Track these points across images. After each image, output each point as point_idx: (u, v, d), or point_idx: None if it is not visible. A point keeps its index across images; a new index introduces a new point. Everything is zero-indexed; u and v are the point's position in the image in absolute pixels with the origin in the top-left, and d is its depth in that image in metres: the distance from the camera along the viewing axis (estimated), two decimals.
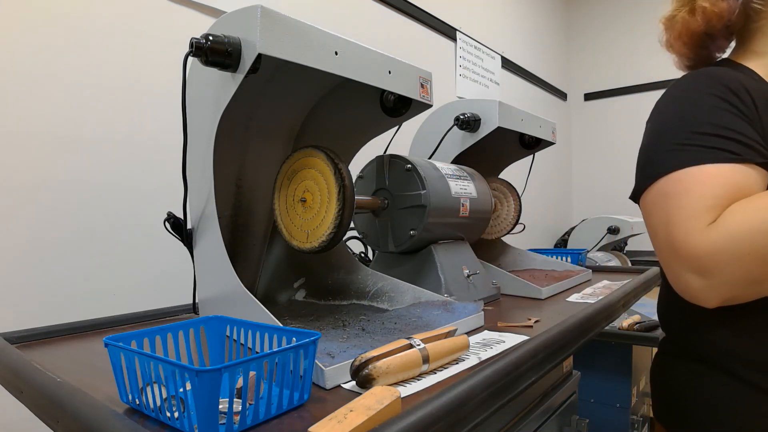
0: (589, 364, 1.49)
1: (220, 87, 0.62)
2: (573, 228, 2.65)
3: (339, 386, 0.50)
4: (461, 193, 0.95)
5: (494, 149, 1.31)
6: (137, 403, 0.44)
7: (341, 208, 0.66)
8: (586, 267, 1.30)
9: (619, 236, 2.43)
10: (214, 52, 0.57)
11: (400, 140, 1.24)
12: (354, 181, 0.84)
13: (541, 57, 2.94)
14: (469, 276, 0.93)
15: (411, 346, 0.52)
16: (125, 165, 1.03)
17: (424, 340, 0.54)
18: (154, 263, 1.07)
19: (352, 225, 0.85)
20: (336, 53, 0.63)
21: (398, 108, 0.82)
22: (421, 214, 0.86)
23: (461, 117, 1.09)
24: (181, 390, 0.39)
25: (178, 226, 0.72)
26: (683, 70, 0.78)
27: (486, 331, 0.71)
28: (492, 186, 1.28)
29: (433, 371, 0.54)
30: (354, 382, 0.49)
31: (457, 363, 0.56)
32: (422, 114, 0.86)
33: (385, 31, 1.74)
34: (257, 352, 0.52)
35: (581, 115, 3.36)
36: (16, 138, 0.89)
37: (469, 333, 0.70)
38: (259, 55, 0.56)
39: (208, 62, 0.57)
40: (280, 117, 0.84)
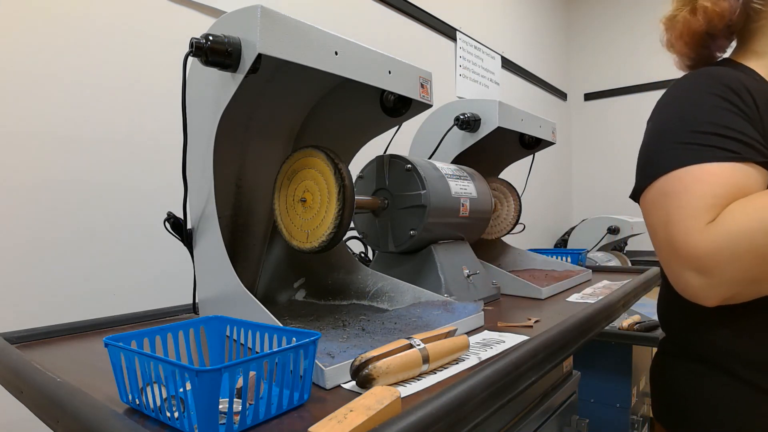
0: (589, 364, 1.49)
1: (220, 87, 0.62)
2: (573, 228, 2.65)
3: (339, 386, 0.50)
4: (461, 193, 0.95)
5: (494, 149, 1.31)
6: (137, 403, 0.44)
7: (341, 208, 0.66)
8: (586, 267, 1.30)
9: (619, 236, 2.43)
10: (214, 52, 0.57)
11: (400, 140, 1.24)
12: (354, 181, 0.84)
13: (541, 57, 2.94)
14: (469, 276, 0.93)
15: (411, 346, 0.52)
16: (125, 165, 1.03)
17: (424, 340, 0.54)
18: (154, 263, 1.07)
19: (352, 225, 0.85)
20: (336, 53, 0.63)
21: (398, 108, 0.82)
22: (421, 214, 0.86)
23: (461, 117, 1.09)
24: (181, 390, 0.39)
25: (178, 226, 0.72)
26: (684, 69, 0.78)
27: (486, 331, 0.71)
28: (492, 186, 1.28)
29: (433, 371, 0.54)
30: (354, 382, 0.49)
31: (457, 363, 0.56)
32: (422, 114, 0.86)
33: (385, 31, 1.74)
34: (257, 352, 0.52)
35: (581, 115, 3.36)
36: (16, 138, 0.89)
37: (469, 333, 0.70)
38: (259, 55, 0.56)
39: (208, 62, 0.57)
40: (280, 117, 0.84)
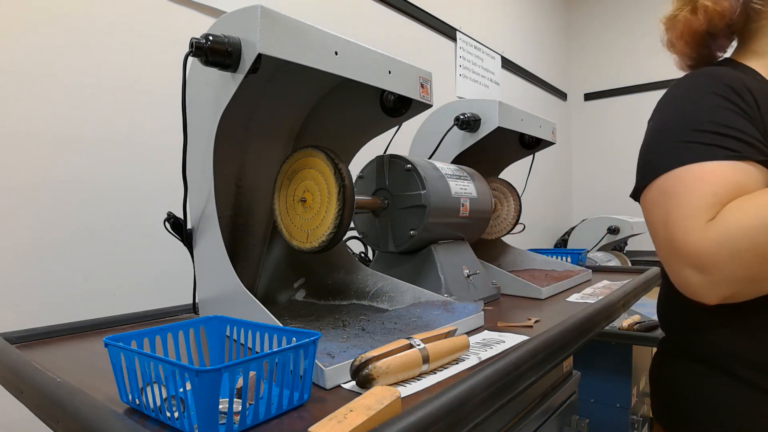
0: (589, 364, 1.49)
1: (220, 87, 0.62)
2: (573, 228, 2.65)
3: (339, 386, 0.50)
4: (461, 193, 0.95)
5: (494, 149, 1.31)
6: (137, 403, 0.44)
7: (341, 208, 0.66)
8: (586, 267, 1.30)
9: (619, 236, 2.43)
10: (214, 52, 0.57)
11: (400, 140, 1.24)
12: (354, 181, 0.84)
13: (541, 57, 2.94)
14: (469, 276, 0.93)
15: (411, 346, 0.52)
16: (125, 165, 1.03)
17: (424, 340, 0.54)
18: (154, 263, 1.07)
19: (352, 225, 0.85)
20: (336, 53, 0.63)
21: (398, 108, 0.82)
22: (421, 214, 0.86)
23: (461, 117, 1.09)
24: (181, 390, 0.39)
25: (178, 226, 0.72)
26: (684, 69, 0.78)
27: (486, 331, 0.71)
28: (492, 186, 1.28)
29: (433, 371, 0.54)
30: (354, 382, 0.49)
31: (457, 363, 0.56)
32: (422, 114, 0.86)
33: (385, 31, 1.74)
34: (257, 352, 0.52)
35: (581, 115, 3.36)
36: (16, 138, 0.89)
37: (469, 333, 0.70)
38: (259, 55, 0.56)
39: (208, 62, 0.57)
40: (280, 117, 0.84)
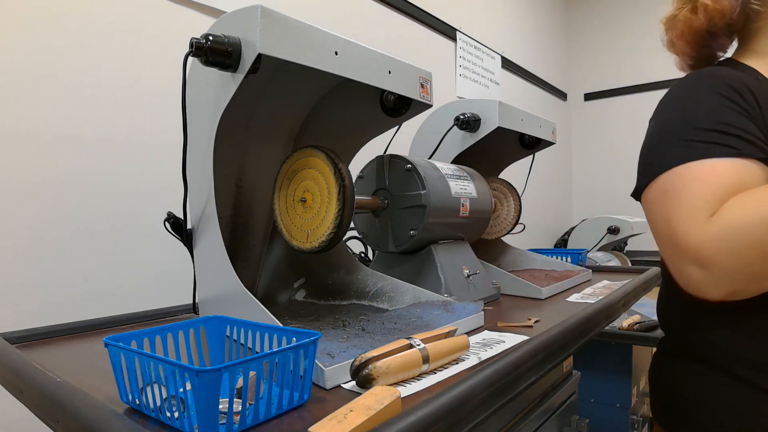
0: (589, 364, 1.49)
1: (220, 87, 0.62)
2: (573, 228, 2.65)
3: (339, 386, 0.50)
4: (461, 193, 0.95)
5: (494, 149, 1.31)
6: (137, 403, 0.44)
7: (341, 208, 0.66)
8: (586, 267, 1.30)
9: (619, 236, 2.43)
10: (214, 52, 0.57)
11: (400, 140, 1.24)
12: (354, 181, 0.84)
13: (541, 57, 2.94)
14: (469, 276, 0.93)
15: (411, 346, 0.52)
16: (125, 165, 1.03)
17: (424, 340, 0.54)
18: (154, 263, 1.07)
19: (352, 225, 0.85)
20: (336, 53, 0.63)
21: (398, 108, 0.82)
22: (421, 214, 0.86)
23: (461, 117, 1.09)
24: (181, 390, 0.39)
25: (178, 226, 0.72)
26: (685, 70, 0.78)
27: (486, 331, 0.71)
28: (492, 186, 1.28)
29: (433, 371, 0.54)
30: (354, 382, 0.49)
31: (457, 363, 0.56)
32: (422, 114, 0.86)
33: (385, 31, 1.74)
34: (257, 352, 0.52)
35: (581, 115, 3.36)
36: (16, 138, 0.89)
37: (469, 333, 0.70)
38: (259, 55, 0.56)
39: (208, 62, 0.57)
40: (280, 117, 0.84)
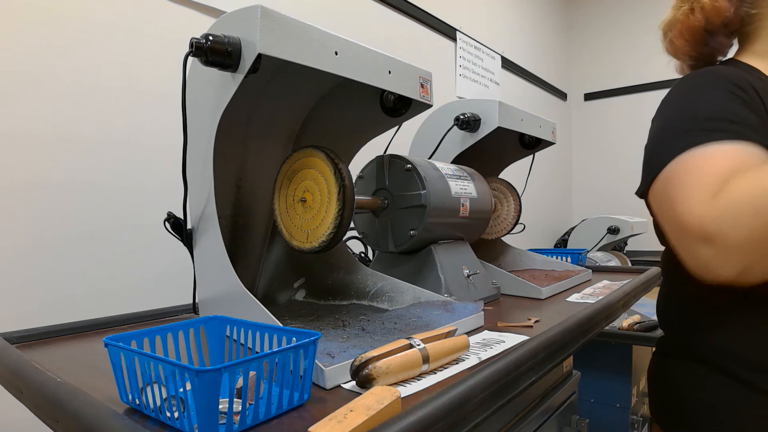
0: (589, 364, 1.49)
1: (220, 87, 0.62)
2: (573, 228, 2.65)
3: (339, 386, 0.50)
4: (461, 193, 0.95)
5: (494, 149, 1.31)
6: (137, 403, 0.44)
7: (341, 208, 0.66)
8: (586, 267, 1.30)
9: (619, 236, 2.43)
10: (214, 52, 0.56)
11: (400, 140, 1.24)
12: (354, 181, 0.84)
13: (541, 57, 2.94)
14: (469, 276, 0.93)
15: (411, 346, 0.52)
16: (125, 165, 1.03)
17: (424, 340, 0.54)
18: (154, 263, 1.07)
19: (352, 225, 0.85)
20: (336, 53, 0.63)
21: (398, 108, 0.82)
22: (421, 214, 0.86)
23: (461, 117, 1.09)
24: (181, 390, 0.39)
25: (178, 226, 0.72)
26: (686, 73, 0.78)
27: (486, 331, 0.71)
28: (492, 186, 1.28)
29: (433, 371, 0.54)
30: (354, 382, 0.49)
31: (457, 363, 0.56)
32: (422, 114, 0.86)
33: (385, 31, 1.74)
34: (257, 352, 0.52)
35: (581, 115, 3.36)
36: (16, 138, 0.89)
37: (469, 333, 0.70)
38: (259, 55, 0.56)
39: (208, 62, 0.57)
40: (280, 117, 0.84)
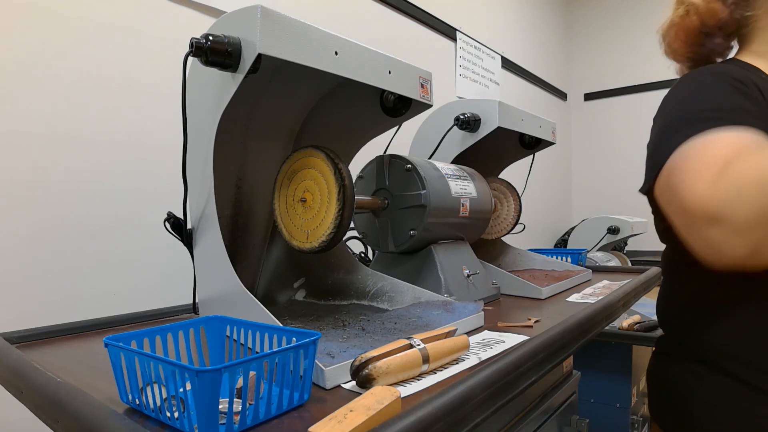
0: (589, 364, 1.49)
1: (220, 87, 0.62)
2: (573, 228, 2.65)
3: (339, 386, 0.50)
4: (461, 193, 0.95)
5: (494, 149, 1.31)
6: (137, 403, 0.44)
7: (341, 208, 0.66)
8: (586, 267, 1.30)
9: (619, 236, 2.43)
10: (214, 52, 0.56)
11: (400, 140, 1.24)
12: (354, 181, 0.84)
13: (541, 57, 2.94)
14: (469, 276, 0.93)
15: (411, 346, 0.52)
16: (125, 165, 1.03)
17: (424, 340, 0.54)
18: (154, 263, 1.07)
19: (352, 225, 0.85)
20: (336, 53, 0.63)
21: (398, 108, 0.82)
22: (421, 214, 0.86)
23: (461, 117, 1.09)
24: (181, 390, 0.39)
25: (178, 226, 0.72)
26: None
27: (486, 331, 0.71)
28: (492, 186, 1.28)
29: (433, 371, 0.54)
30: (354, 382, 0.49)
31: (457, 363, 0.56)
32: (422, 114, 0.86)
33: (385, 31, 1.74)
34: (257, 352, 0.52)
35: (581, 115, 3.36)
36: (16, 138, 0.89)
37: (469, 333, 0.70)
38: (259, 55, 0.56)
39: (208, 62, 0.57)
40: (280, 117, 0.84)
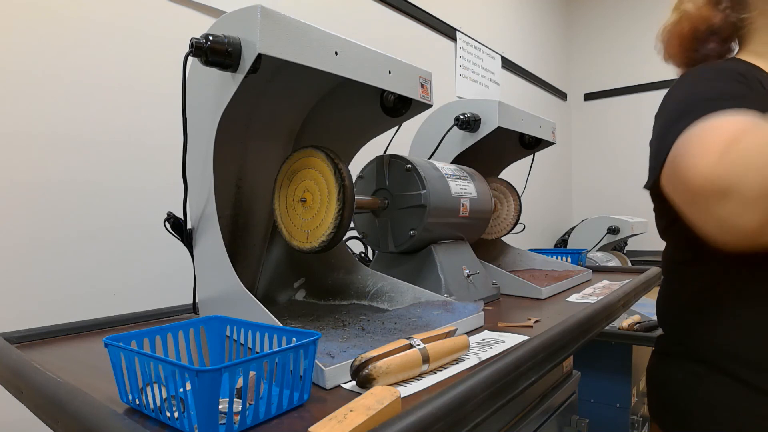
0: (589, 364, 1.49)
1: (220, 87, 0.62)
2: (573, 228, 2.65)
3: (339, 386, 0.50)
4: (461, 193, 0.95)
5: (494, 149, 1.31)
6: (137, 403, 0.44)
7: (341, 208, 0.66)
8: (586, 267, 1.30)
9: (619, 236, 2.43)
10: (214, 52, 0.56)
11: (400, 140, 1.24)
12: (354, 181, 0.84)
13: (541, 57, 2.94)
14: (469, 276, 0.93)
15: (411, 346, 0.52)
16: (125, 165, 1.03)
17: (424, 340, 0.54)
18: (154, 263, 1.07)
19: (352, 225, 0.85)
20: (336, 53, 0.63)
21: (398, 108, 0.82)
22: (421, 214, 0.86)
23: (461, 117, 1.09)
24: (181, 390, 0.39)
25: (178, 226, 0.72)
26: None
27: (486, 331, 0.71)
28: (492, 186, 1.28)
29: (433, 371, 0.54)
30: (354, 382, 0.49)
31: (457, 363, 0.56)
32: (422, 114, 0.86)
33: (385, 31, 1.74)
34: (257, 352, 0.52)
35: (581, 115, 3.36)
36: (16, 138, 0.89)
37: (469, 333, 0.70)
38: (259, 55, 0.56)
39: (208, 62, 0.57)
40: (280, 117, 0.84)
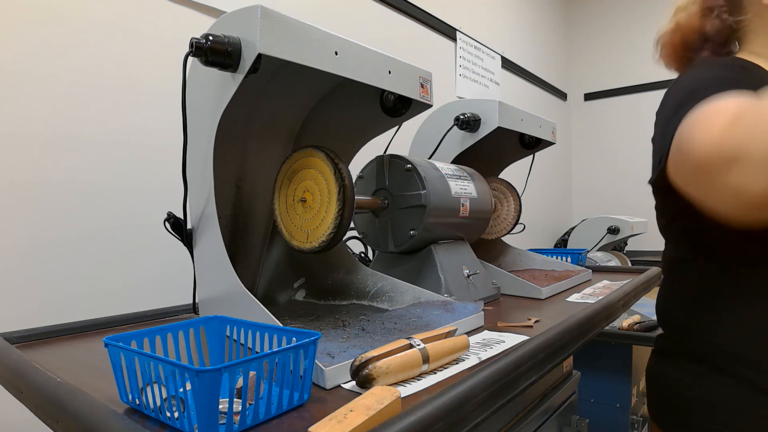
0: (589, 364, 1.49)
1: (220, 87, 0.62)
2: (573, 228, 2.65)
3: (339, 386, 0.50)
4: (461, 193, 0.95)
5: (494, 149, 1.31)
6: (137, 403, 0.44)
7: (341, 208, 0.66)
8: (586, 267, 1.30)
9: (619, 236, 2.44)
10: (214, 52, 0.57)
11: (400, 140, 1.24)
12: (354, 181, 0.84)
13: (541, 57, 2.94)
14: (469, 276, 0.93)
15: (411, 346, 0.52)
16: (125, 165, 1.03)
17: (424, 340, 0.54)
18: (154, 263, 1.07)
19: (352, 225, 0.85)
20: (336, 53, 0.63)
21: (398, 108, 0.82)
22: (421, 214, 0.86)
23: (461, 117, 1.09)
24: (181, 390, 0.39)
25: (178, 226, 0.72)
26: None
27: (486, 331, 0.71)
28: (492, 186, 1.28)
29: (433, 371, 0.54)
30: (354, 382, 0.49)
31: (457, 363, 0.56)
32: (422, 114, 0.86)
33: (385, 31, 1.74)
34: (257, 352, 0.52)
35: (581, 115, 3.36)
36: (16, 138, 0.89)
37: (469, 333, 0.70)
38: (259, 55, 0.56)
39: (208, 62, 0.57)
40: (280, 117, 0.84)
